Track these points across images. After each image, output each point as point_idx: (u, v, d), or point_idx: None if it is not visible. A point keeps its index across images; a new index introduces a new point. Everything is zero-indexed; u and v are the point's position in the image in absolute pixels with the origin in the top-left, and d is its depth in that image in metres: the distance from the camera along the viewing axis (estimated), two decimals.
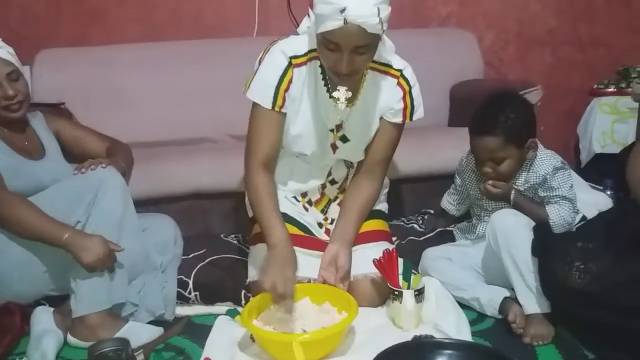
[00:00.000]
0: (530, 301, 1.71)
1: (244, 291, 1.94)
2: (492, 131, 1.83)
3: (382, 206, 2.07)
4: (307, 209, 1.98)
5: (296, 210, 1.94)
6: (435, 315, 1.77)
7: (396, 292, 1.72)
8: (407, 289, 1.74)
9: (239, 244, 2.22)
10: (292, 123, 1.82)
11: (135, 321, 1.79)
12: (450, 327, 1.69)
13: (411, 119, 1.88)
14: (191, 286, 1.97)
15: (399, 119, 1.87)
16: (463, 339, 1.62)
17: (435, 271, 1.95)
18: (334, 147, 1.89)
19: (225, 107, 2.68)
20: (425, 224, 2.34)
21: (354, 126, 1.86)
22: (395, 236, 2.17)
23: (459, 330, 1.69)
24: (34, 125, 2.00)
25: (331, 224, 1.97)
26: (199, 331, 1.79)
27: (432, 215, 2.37)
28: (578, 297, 1.59)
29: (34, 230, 1.69)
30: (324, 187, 1.99)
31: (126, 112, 2.76)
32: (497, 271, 1.82)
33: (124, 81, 2.79)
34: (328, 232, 1.96)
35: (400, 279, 1.78)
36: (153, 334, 1.74)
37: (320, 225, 1.98)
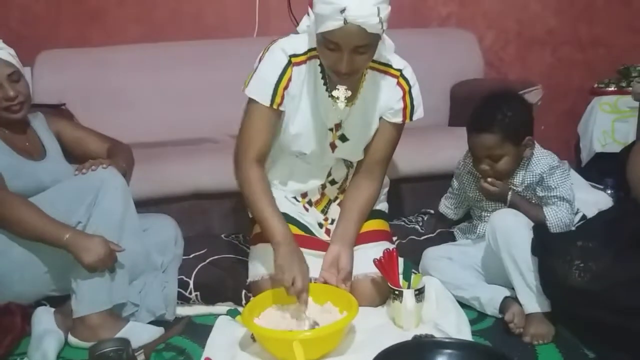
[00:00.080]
0: (530, 300, 1.71)
1: (244, 291, 1.94)
2: (489, 128, 1.83)
3: (382, 206, 2.07)
4: (307, 210, 1.98)
5: (296, 211, 1.94)
6: (435, 315, 1.77)
7: (396, 292, 1.73)
8: (408, 288, 1.74)
9: (239, 244, 2.22)
10: (292, 121, 1.82)
11: (136, 321, 1.79)
12: (451, 327, 1.69)
13: (411, 118, 1.88)
14: (192, 286, 1.97)
15: (398, 119, 1.87)
16: (463, 338, 1.63)
17: (435, 271, 1.95)
18: (333, 147, 1.89)
19: (225, 108, 2.67)
20: (424, 226, 2.33)
21: (353, 125, 1.86)
22: (396, 236, 2.17)
23: (459, 329, 1.69)
24: (34, 126, 2.00)
25: (331, 224, 1.97)
26: (199, 331, 1.79)
27: (431, 217, 2.36)
28: (578, 296, 1.59)
29: (35, 230, 1.69)
30: (324, 187, 1.99)
31: (127, 112, 2.76)
32: (497, 270, 1.82)
33: (124, 82, 2.79)
34: (328, 232, 1.96)
35: (401, 278, 1.78)
36: (154, 334, 1.74)
37: (321, 226, 1.98)
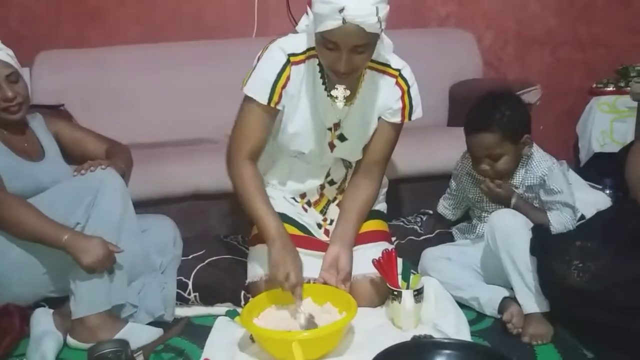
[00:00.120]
0: (529, 300, 1.71)
1: (243, 292, 1.94)
2: (488, 127, 1.83)
3: (381, 206, 2.07)
4: (306, 210, 1.98)
5: (295, 211, 1.94)
6: (434, 315, 1.77)
7: (395, 292, 1.72)
8: (407, 289, 1.74)
9: (238, 245, 2.22)
10: (290, 121, 1.82)
11: (134, 322, 1.79)
12: (450, 327, 1.69)
13: (410, 118, 1.88)
14: (191, 287, 1.97)
15: (397, 119, 1.87)
16: (462, 338, 1.63)
17: (434, 271, 1.95)
18: (331, 146, 1.89)
19: (224, 108, 2.61)
20: (423, 226, 2.33)
21: (352, 125, 1.86)
22: (395, 236, 2.17)
23: (458, 330, 1.69)
24: (33, 126, 1.99)
25: (330, 224, 1.97)
26: (198, 332, 1.79)
27: (430, 218, 2.36)
28: (577, 296, 1.59)
29: (34, 231, 1.69)
30: (322, 187, 1.98)
31: (125, 113, 2.76)
32: (496, 271, 1.82)
33: (123, 82, 2.79)
34: (327, 232, 1.96)
35: (400, 279, 1.78)
36: (153, 335, 1.74)
37: (320, 226, 1.98)
